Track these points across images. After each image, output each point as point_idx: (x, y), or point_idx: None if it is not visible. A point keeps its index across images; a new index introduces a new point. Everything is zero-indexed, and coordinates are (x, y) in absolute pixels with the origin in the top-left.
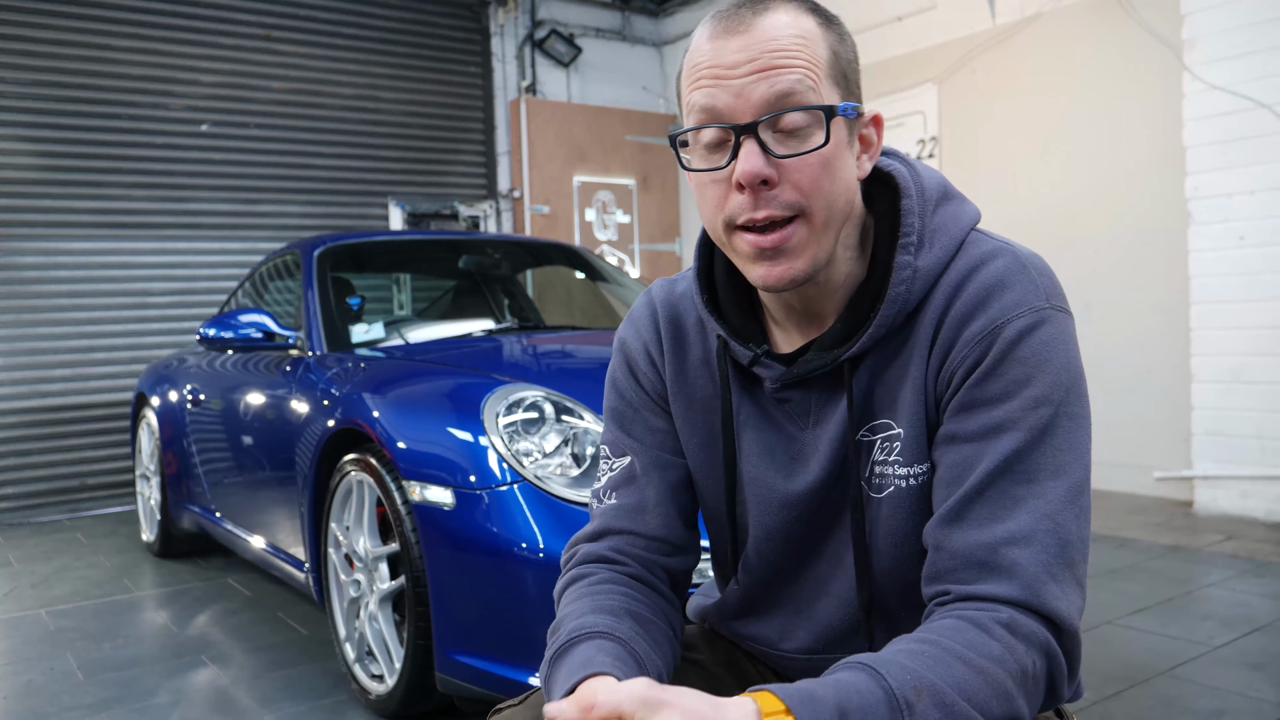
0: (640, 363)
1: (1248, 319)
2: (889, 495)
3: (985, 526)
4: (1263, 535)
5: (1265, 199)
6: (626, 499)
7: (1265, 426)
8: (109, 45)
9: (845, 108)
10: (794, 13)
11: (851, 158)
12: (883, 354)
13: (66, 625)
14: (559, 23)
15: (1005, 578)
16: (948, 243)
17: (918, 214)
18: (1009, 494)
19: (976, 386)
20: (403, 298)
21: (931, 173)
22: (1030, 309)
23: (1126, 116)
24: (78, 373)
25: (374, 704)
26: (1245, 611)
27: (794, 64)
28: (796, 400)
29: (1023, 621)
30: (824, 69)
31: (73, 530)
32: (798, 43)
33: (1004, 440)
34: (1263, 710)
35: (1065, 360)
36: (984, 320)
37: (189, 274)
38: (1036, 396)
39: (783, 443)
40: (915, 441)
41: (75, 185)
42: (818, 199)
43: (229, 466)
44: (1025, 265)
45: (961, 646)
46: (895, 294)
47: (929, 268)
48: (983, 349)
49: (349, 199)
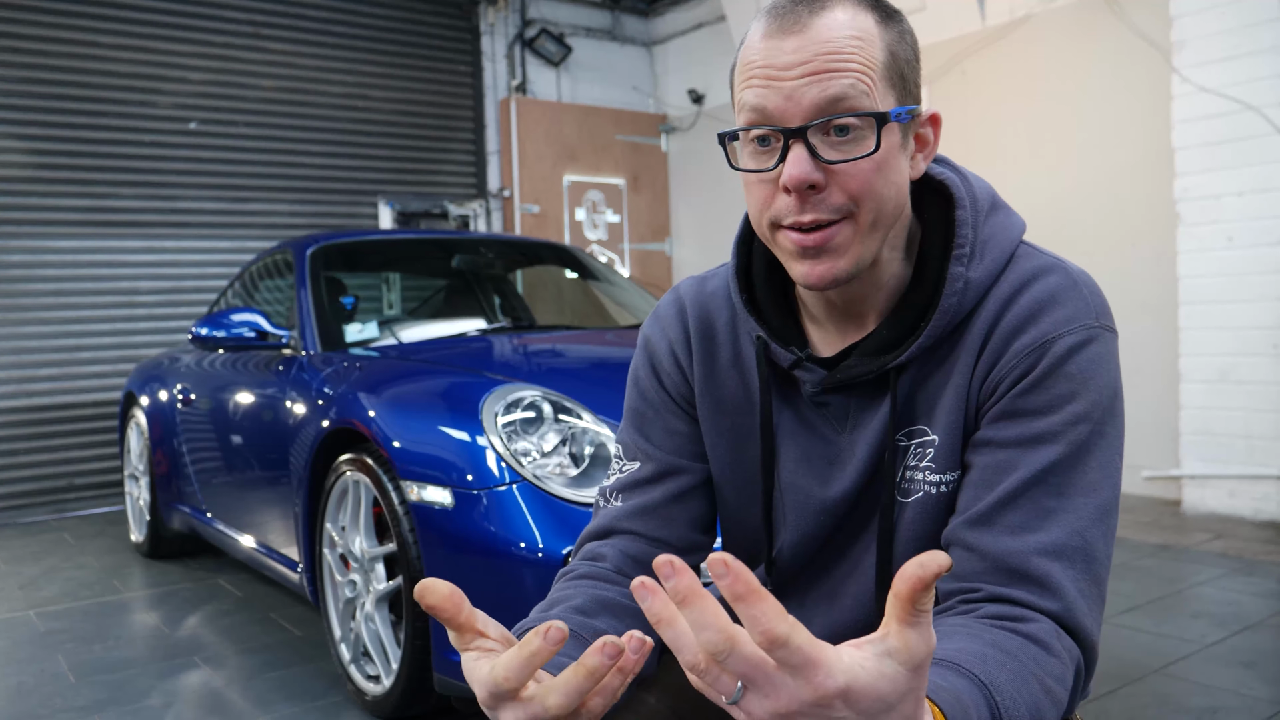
0: (665, 362)
1: (1236, 320)
2: (916, 500)
3: (1017, 535)
4: (1250, 534)
5: (1253, 201)
6: (631, 502)
7: (1253, 426)
8: (96, 42)
9: (898, 112)
10: (852, 10)
11: (905, 159)
12: (927, 361)
13: (56, 627)
14: (549, 22)
15: (1039, 589)
16: (998, 255)
17: (971, 225)
18: (1041, 505)
19: (1021, 397)
20: (392, 297)
21: (981, 182)
22: (1082, 326)
23: (1116, 118)
24: (64, 372)
25: (370, 705)
26: (1236, 610)
27: (848, 67)
28: (835, 404)
29: (1061, 635)
30: (879, 71)
31: (59, 531)
32: (853, 44)
33: (1042, 452)
34: (1256, 708)
35: (1109, 380)
36: (1035, 333)
37: (177, 273)
38: (1079, 413)
39: (819, 447)
40: (949, 449)
41: (62, 183)
42: (867, 202)
43: (221, 466)
44: (1078, 283)
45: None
46: (948, 305)
47: (980, 279)
48: (1032, 361)
49: (338, 198)
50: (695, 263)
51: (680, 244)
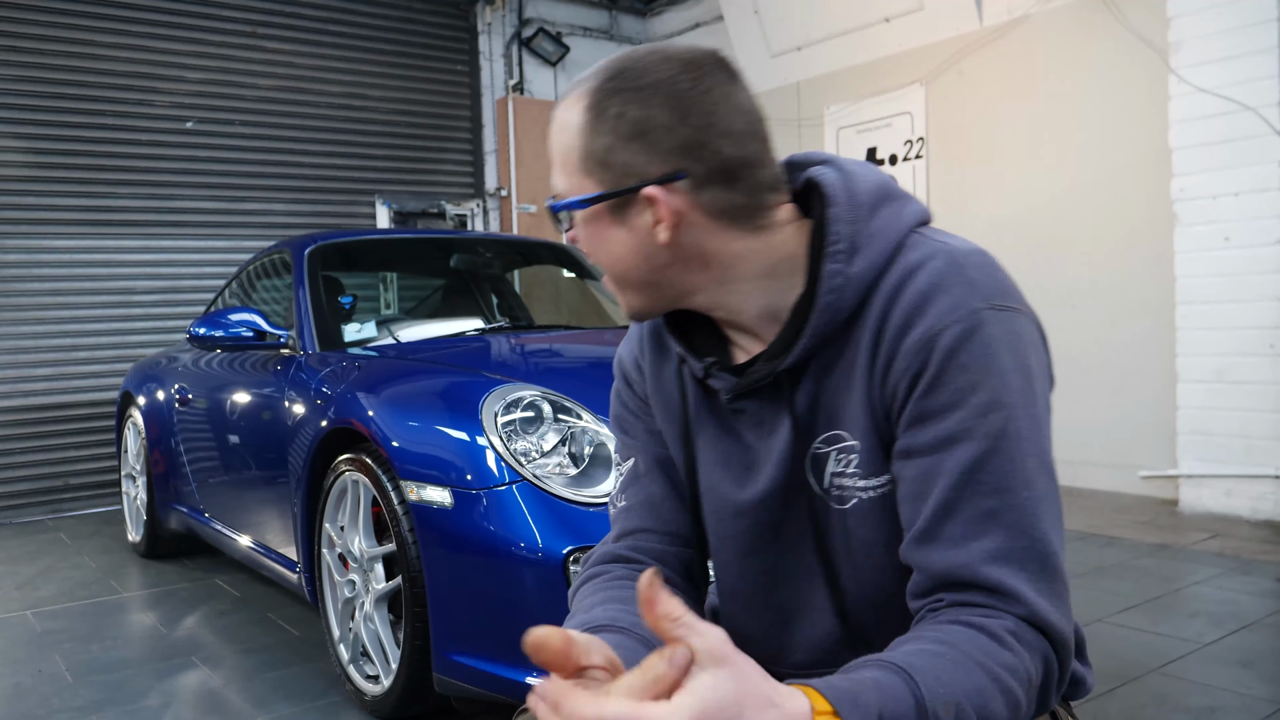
0: (631, 372)
1: (1233, 319)
2: (853, 507)
3: (961, 545)
4: (1247, 533)
5: (1250, 201)
6: (635, 498)
7: (1250, 426)
8: (93, 41)
9: (573, 202)
10: (568, 104)
11: (625, 232)
12: (826, 364)
13: (53, 627)
14: (546, 21)
15: (996, 596)
16: (882, 247)
17: (846, 220)
18: (979, 508)
19: (923, 398)
20: (389, 296)
21: (871, 176)
22: (967, 312)
23: (1113, 118)
24: (60, 372)
25: (369, 705)
26: (1233, 609)
27: (554, 158)
28: (751, 410)
29: (1025, 629)
30: (576, 163)
31: (56, 531)
32: (558, 138)
33: (959, 451)
34: (1254, 707)
35: (1013, 360)
36: (921, 329)
37: (174, 272)
38: (986, 402)
39: (738, 452)
40: (871, 453)
41: (59, 182)
42: (601, 265)
43: (218, 466)
44: (961, 266)
45: (979, 653)
46: (826, 303)
47: (862, 274)
48: (922, 359)
49: (335, 197)
50: None
51: None
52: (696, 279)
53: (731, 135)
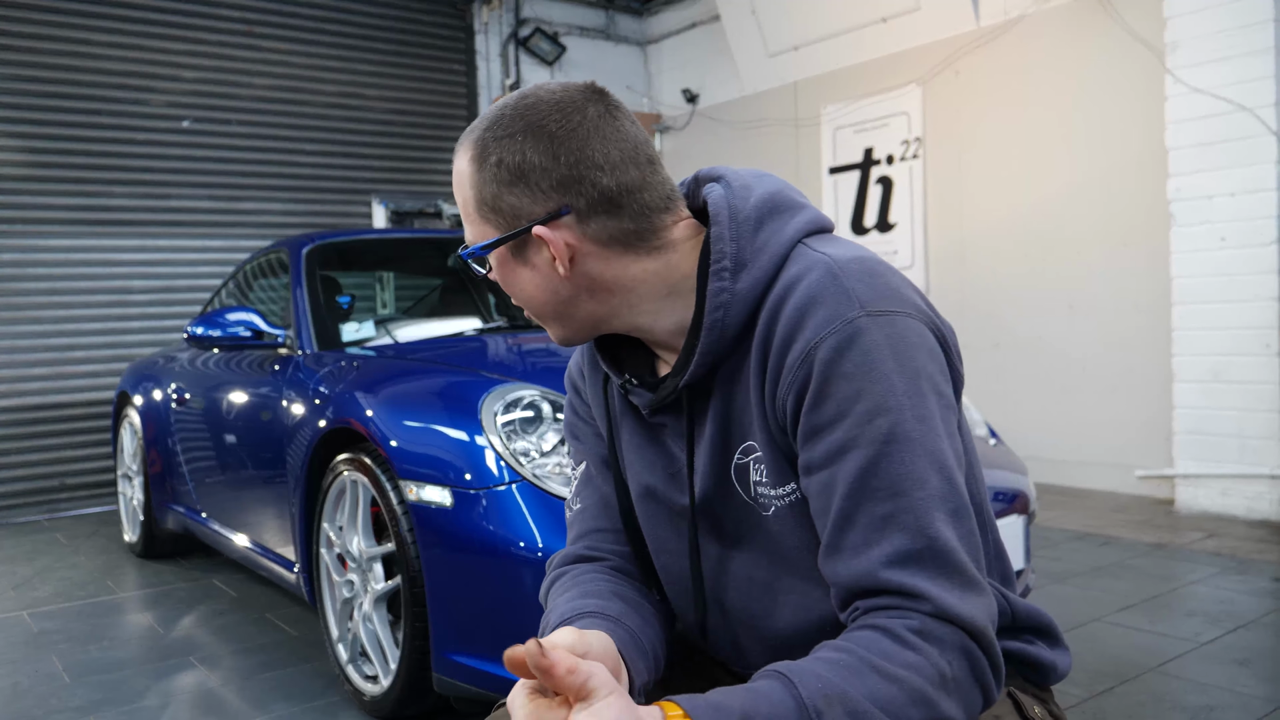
0: (578, 381)
1: (1228, 319)
2: (774, 514)
3: (861, 553)
4: (1243, 533)
5: (1246, 201)
6: (590, 499)
7: (1245, 425)
8: (89, 40)
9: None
10: (460, 155)
11: (527, 270)
12: (728, 377)
13: (50, 627)
14: (543, 21)
15: (901, 598)
16: (767, 262)
17: (729, 238)
18: (874, 514)
19: (811, 413)
20: (385, 296)
21: (760, 188)
22: (842, 322)
23: (1110, 119)
24: (56, 371)
25: (368, 705)
26: (1229, 608)
27: (458, 207)
28: (670, 424)
29: (934, 626)
30: (473, 211)
31: (52, 531)
32: (456, 188)
33: (849, 461)
34: (1251, 705)
35: (896, 364)
36: (800, 344)
37: (170, 272)
38: (870, 409)
39: (662, 460)
40: (775, 463)
41: (54, 181)
42: (518, 300)
43: (216, 466)
44: (837, 275)
45: (877, 655)
46: (712, 320)
47: (748, 289)
48: (804, 374)
49: (332, 196)
50: None
51: None
52: (604, 305)
53: (607, 166)
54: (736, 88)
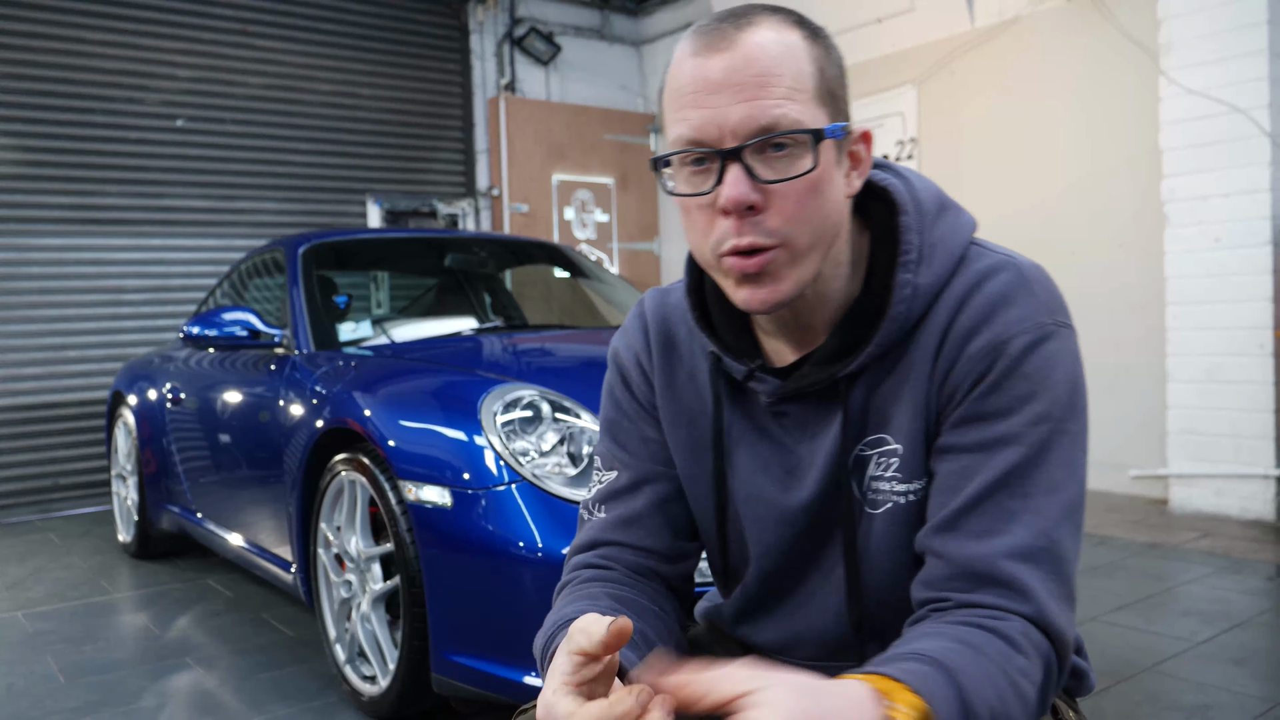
0: (633, 373)
1: (1222, 320)
2: (885, 511)
3: (982, 539)
4: (1237, 532)
5: (1240, 202)
6: (614, 511)
7: (1239, 425)
8: (82, 39)
9: (834, 129)
10: (779, 27)
11: (840, 177)
12: (880, 369)
13: (45, 628)
14: (538, 20)
15: (1008, 592)
16: (946, 258)
17: (916, 230)
18: (1005, 507)
19: (979, 400)
20: (380, 296)
21: (926, 184)
22: (1035, 324)
23: (1104, 119)
24: (50, 371)
25: (367, 705)
26: (1224, 608)
27: (779, 85)
28: (793, 414)
29: (1032, 633)
30: (811, 88)
31: (45, 531)
32: (782, 61)
33: (1004, 455)
34: (1248, 705)
35: (1067, 377)
36: (989, 336)
37: (164, 271)
38: (1038, 413)
39: (778, 457)
40: (914, 457)
41: (47, 180)
42: (804, 224)
43: (211, 466)
44: (1030, 280)
45: (1001, 658)
46: (896, 313)
47: (929, 284)
48: (987, 364)
49: (327, 196)
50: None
51: (668, 244)
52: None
53: None
54: None
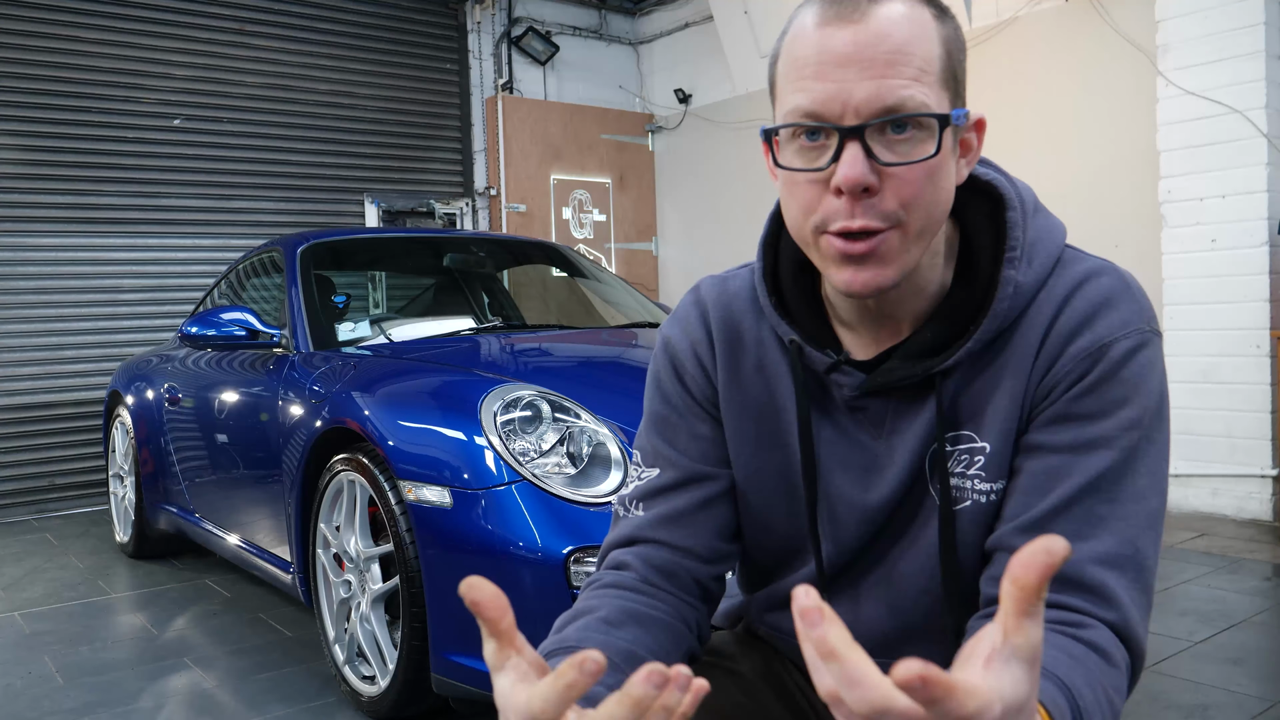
0: (688, 364)
1: (1219, 321)
2: (964, 510)
3: (1071, 542)
4: (1233, 532)
5: (1236, 203)
6: (654, 509)
7: (1235, 426)
8: (78, 38)
9: (959, 114)
10: (911, 2)
11: (954, 164)
12: (973, 366)
13: (42, 628)
14: (536, 20)
15: (1095, 598)
16: (1046, 258)
17: (1022, 225)
18: (1094, 512)
19: (1075, 401)
20: (377, 296)
21: (1024, 184)
22: (1136, 330)
23: (1101, 120)
24: (46, 371)
25: (366, 706)
26: (1221, 607)
27: (909, 65)
28: (872, 410)
29: (1118, 644)
30: (937, 70)
31: (42, 531)
32: (914, 40)
33: (1095, 458)
34: (1246, 704)
35: (1158, 385)
36: (1092, 337)
37: (161, 270)
38: (1131, 419)
39: (855, 454)
40: (1001, 456)
41: (43, 179)
42: (918, 210)
43: (209, 466)
44: (1130, 286)
45: (1099, 673)
46: (1000, 309)
47: (1029, 283)
48: (1088, 365)
49: (324, 195)
50: (681, 263)
51: (666, 244)
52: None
53: None
54: (729, 88)
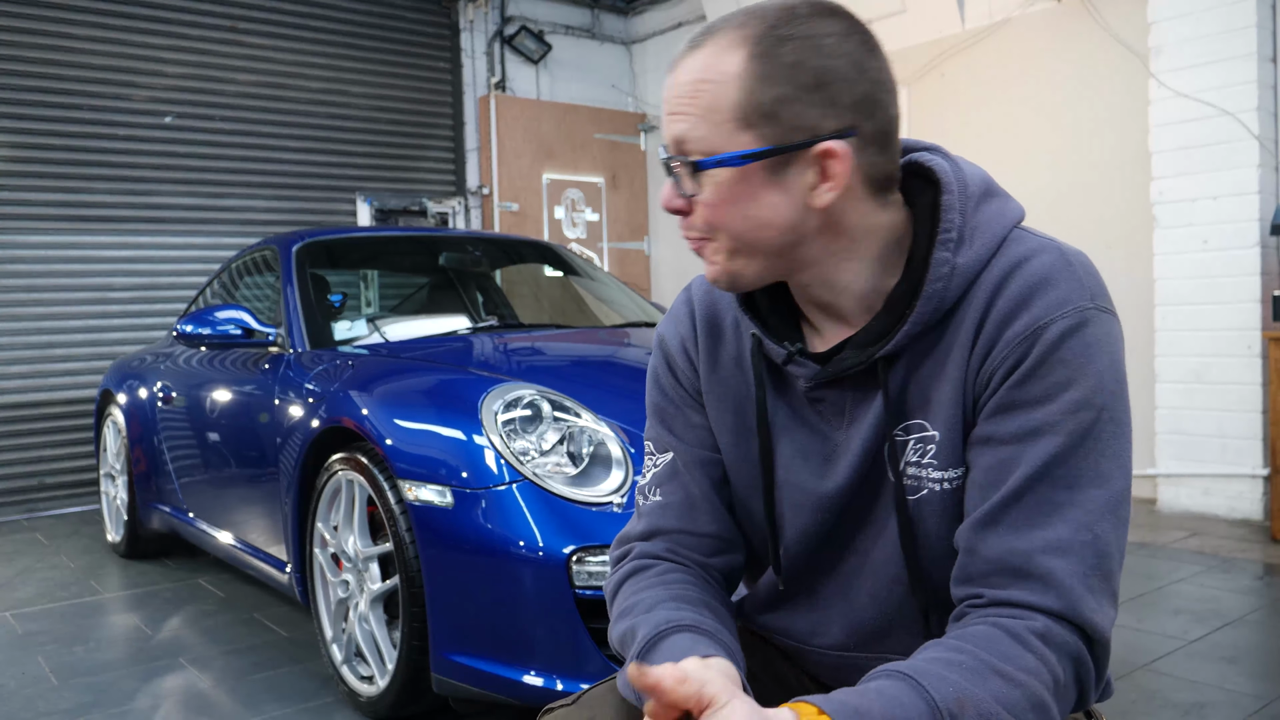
0: (678, 359)
1: (1211, 321)
2: (923, 498)
3: (1021, 532)
4: (1225, 532)
5: (1228, 204)
6: (671, 495)
7: (1226, 426)
8: (69, 34)
9: (722, 159)
10: (721, 49)
11: (779, 193)
12: (919, 353)
13: (35, 629)
14: (529, 19)
15: (1041, 586)
16: (989, 240)
17: (958, 210)
18: (1048, 500)
19: (1016, 388)
20: (369, 295)
21: (975, 169)
22: (1075, 309)
23: (1094, 121)
24: (36, 369)
25: (364, 706)
26: (1215, 606)
27: (690, 111)
28: (831, 400)
29: (1057, 631)
30: (728, 113)
31: (31, 531)
32: (701, 87)
33: (1042, 444)
34: (1241, 703)
35: (1109, 363)
36: (1027, 319)
37: (152, 269)
38: (1078, 400)
39: (816, 443)
40: (951, 444)
41: (34, 178)
42: (725, 231)
43: (203, 465)
44: (1070, 262)
45: (997, 658)
46: (932, 290)
47: (968, 265)
48: (1024, 349)
49: (316, 194)
50: (673, 262)
51: (658, 243)
52: (823, 250)
53: (893, 93)
54: None
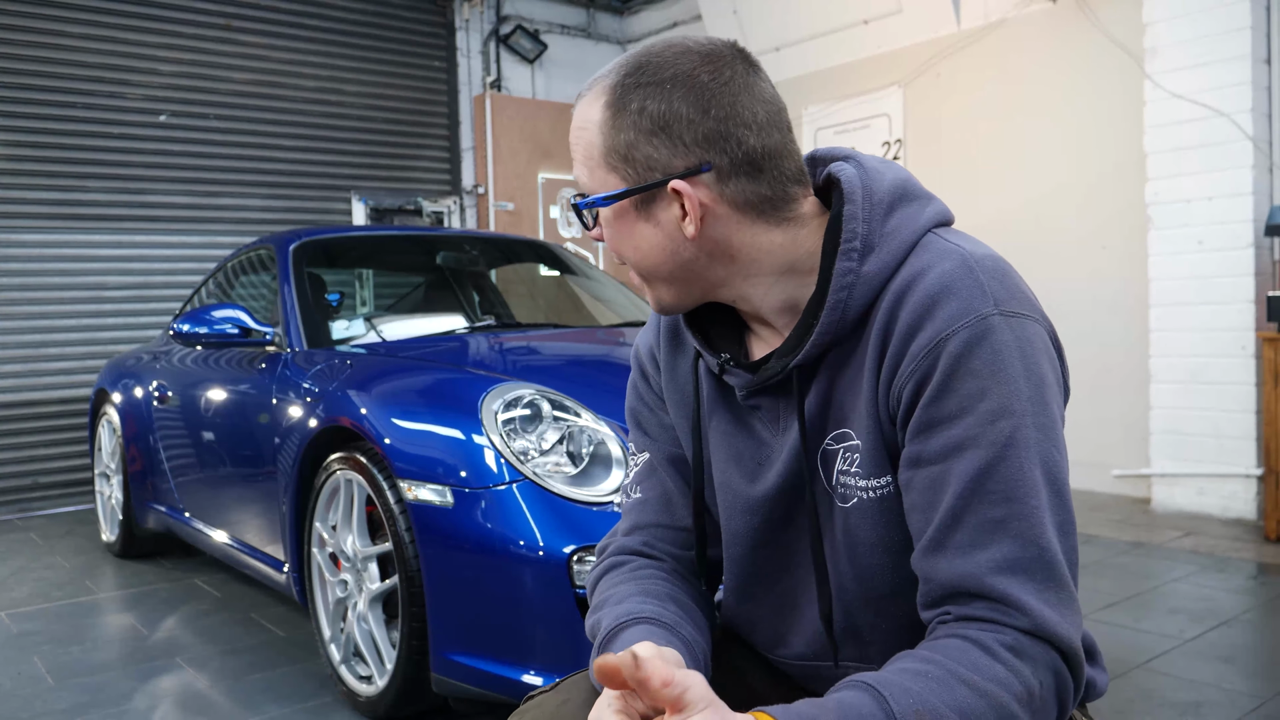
0: (648, 366)
1: (1205, 321)
2: (854, 506)
3: (969, 555)
4: (1219, 531)
5: (1223, 205)
6: (650, 491)
7: (1221, 425)
8: (64, 32)
9: (598, 199)
10: (591, 99)
11: (651, 227)
12: (837, 362)
13: (30, 629)
14: (524, 18)
15: (1003, 608)
16: (895, 247)
17: (862, 219)
18: (987, 518)
19: (931, 405)
20: (365, 294)
21: (892, 174)
22: (977, 317)
23: (1089, 122)
24: (30, 368)
25: (363, 706)
26: (1210, 606)
27: (576, 156)
28: (767, 407)
29: (1028, 644)
30: (599, 159)
31: (25, 530)
32: (580, 134)
33: (967, 459)
34: (1238, 701)
35: (1023, 367)
36: (929, 332)
37: (146, 267)
38: (994, 409)
39: (751, 448)
40: (873, 454)
41: (28, 175)
42: (628, 261)
43: (200, 465)
44: (972, 269)
45: (965, 668)
46: (836, 300)
47: (874, 273)
48: (929, 363)
49: (311, 193)
50: None
51: None
52: (721, 272)
53: (754, 125)
54: None
